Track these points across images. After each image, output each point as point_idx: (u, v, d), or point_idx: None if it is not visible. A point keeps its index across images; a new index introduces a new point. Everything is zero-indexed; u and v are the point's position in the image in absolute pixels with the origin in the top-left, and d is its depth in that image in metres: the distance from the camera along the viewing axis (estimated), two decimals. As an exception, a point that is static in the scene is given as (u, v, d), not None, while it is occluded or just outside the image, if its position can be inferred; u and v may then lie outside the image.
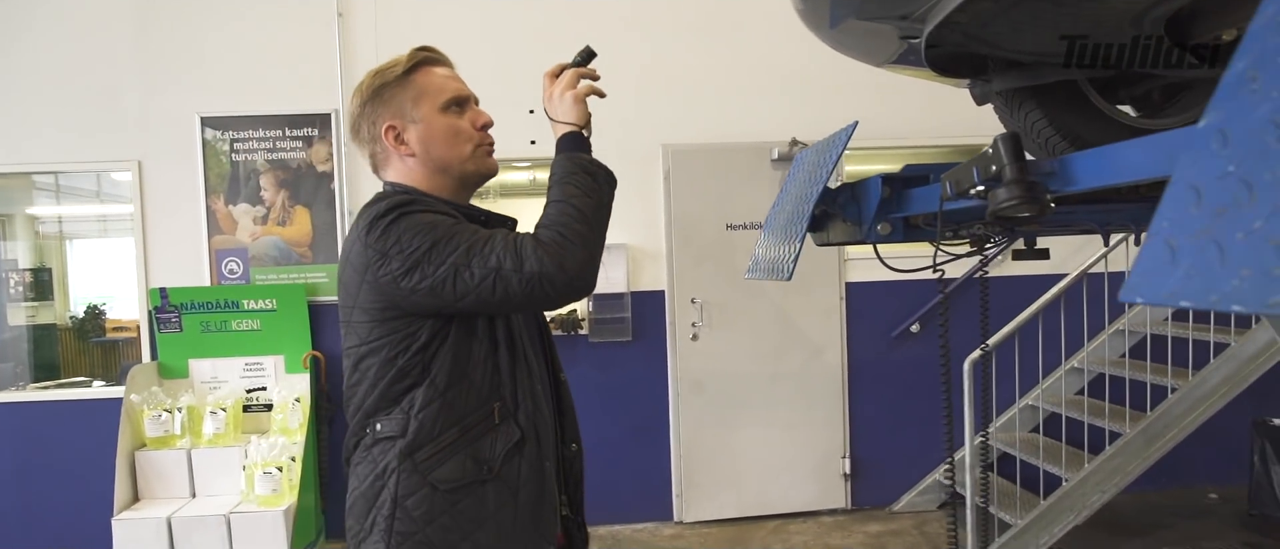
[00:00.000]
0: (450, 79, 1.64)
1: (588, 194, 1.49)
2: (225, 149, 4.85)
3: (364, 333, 1.51)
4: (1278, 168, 0.58)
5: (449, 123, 1.60)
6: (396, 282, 1.43)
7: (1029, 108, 1.88)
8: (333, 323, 4.84)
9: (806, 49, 5.30)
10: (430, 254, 1.41)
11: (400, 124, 1.58)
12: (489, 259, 1.40)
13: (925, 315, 5.06)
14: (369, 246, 1.45)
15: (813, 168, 2.01)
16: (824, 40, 1.86)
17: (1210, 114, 0.66)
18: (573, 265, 1.41)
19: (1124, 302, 0.67)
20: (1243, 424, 4.83)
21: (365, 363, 1.52)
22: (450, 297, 1.42)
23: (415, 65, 1.60)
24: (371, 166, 1.67)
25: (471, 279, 1.40)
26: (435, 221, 1.45)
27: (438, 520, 1.49)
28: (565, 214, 1.45)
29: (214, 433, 4.32)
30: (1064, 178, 1.18)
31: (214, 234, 4.84)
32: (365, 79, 1.62)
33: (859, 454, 5.10)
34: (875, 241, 1.82)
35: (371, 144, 1.62)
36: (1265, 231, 0.56)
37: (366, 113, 1.60)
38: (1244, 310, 0.56)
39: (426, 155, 1.59)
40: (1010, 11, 1.37)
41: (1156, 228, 0.67)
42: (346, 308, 1.54)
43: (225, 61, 4.87)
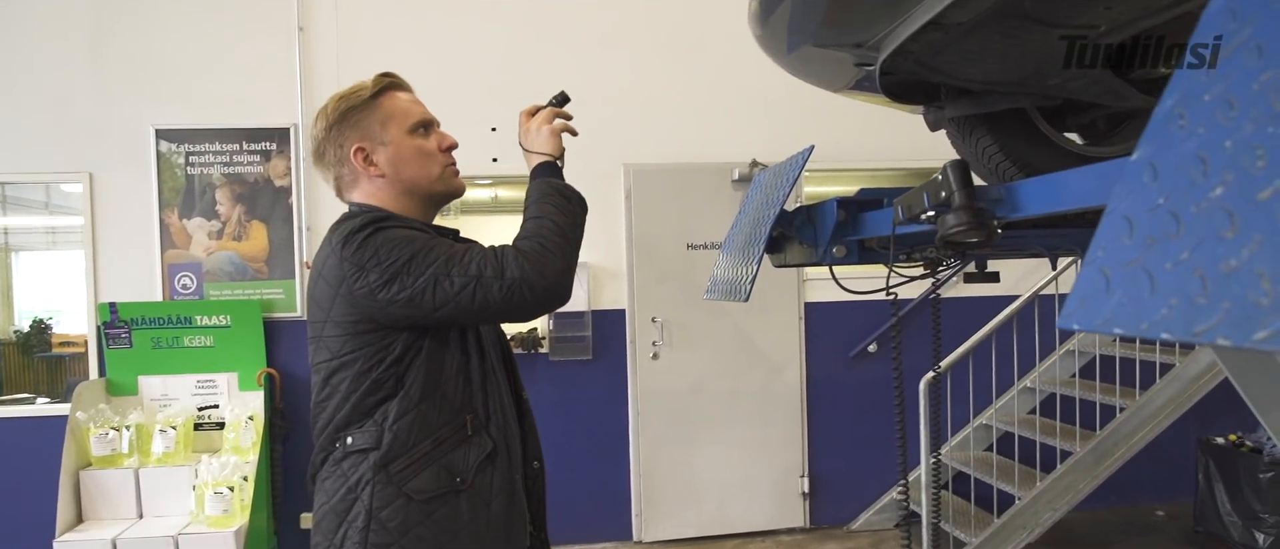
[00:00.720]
0: (415, 103, 1.69)
1: (563, 213, 1.57)
2: (180, 162, 4.78)
3: (336, 347, 1.53)
4: (1202, 201, 0.60)
5: (417, 144, 1.64)
6: (374, 294, 1.46)
7: (980, 134, 1.93)
8: (288, 340, 4.77)
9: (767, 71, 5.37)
10: (409, 265, 1.45)
11: (369, 146, 1.61)
12: (469, 268, 1.45)
13: (882, 335, 5.12)
14: (345, 260, 1.47)
15: (769, 189, 2.04)
16: (782, 66, 1.89)
17: (1142, 148, 0.69)
18: (552, 273, 1.47)
19: (1062, 327, 0.70)
20: (1188, 443, 4.96)
21: (337, 377, 1.54)
22: (429, 306, 1.45)
23: (381, 90, 1.64)
24: (335, 189, 1.70)
25: (451, 287, 1.44)
26: (412, 235, 1.50)
27: (413, 531, 1.50)
28: (543, 227, 1.52)
29: (163, 452, 4.22)
30: (1010, 204, 1.21)
31: (167, 248, 4.75)
32: (329, 104, 1.64)
33: (817, 473, 5.14)
34: (831, 264, 1.85)
35: (338, 167, 1.65)
36: (1191, 262, 0.59)
37: (333, 136, 1.63)
38: (1172, 338, 0.58)
39: (396, 176, 1.63)
40: (961, 41, 1.41)
41: (1092, 257, 0.69)
42: (317, 323, 1.56)
43: (182, 73, 4.80)
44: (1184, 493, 5.16)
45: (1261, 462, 4.46)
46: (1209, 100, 0.64)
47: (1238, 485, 4.56)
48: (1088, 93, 1.64)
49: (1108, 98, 1.65)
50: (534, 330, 4.84)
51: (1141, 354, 4.44)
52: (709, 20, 5.06)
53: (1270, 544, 4.41)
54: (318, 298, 1.56)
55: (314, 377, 1.60)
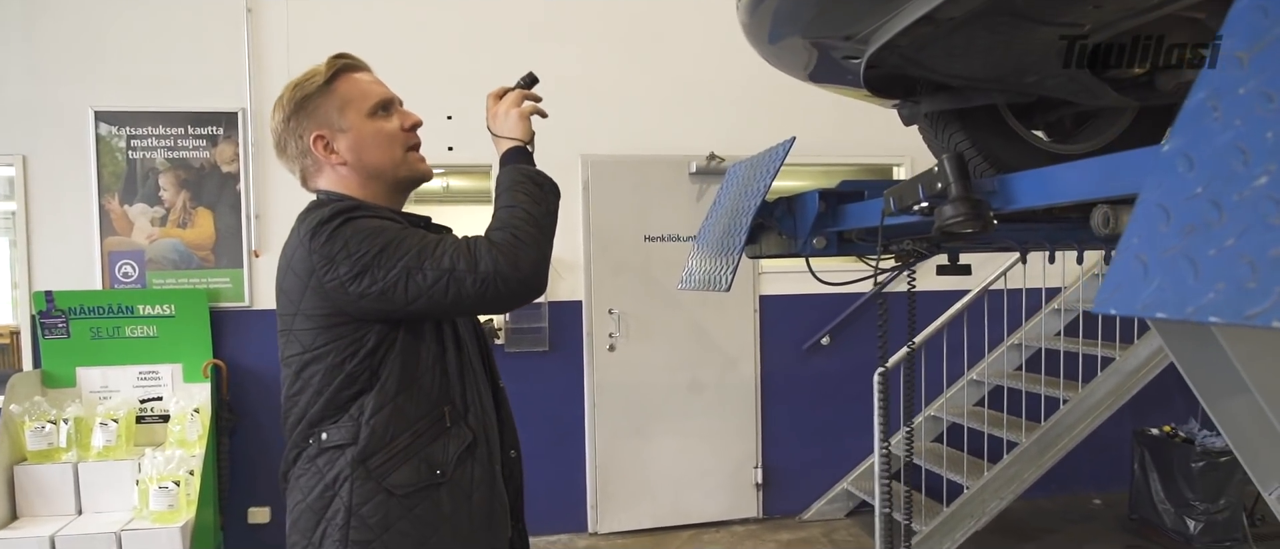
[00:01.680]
0: (373, 84, 1.62)
1: (536, 201, 1.51)
2: (121, 146, 4.60)
3: (308, 340, 1.48)
4: (1245, 190, 0.62)
5: (377, 127, 1.58)
6: (344, 287, 1.41)
7: (953, 130, 1.97)
8: (236, 330, 4.64)
9: (726, 65, 5.43)
10: (380, 258, 1.40)
11: (329, 133, 1.56)
12: (441, 260, 1.40)
13: (835, 328, 5.20)
14: (314, 252, 1.43)
15: (746, 181, 2.05)
16: (762, 54, 1.90)
17: (1175, 139, 0.71)
18: (526, 265, 1.42)
19: (1096, 313, 0.71)
20: (1124, 434, 5.14)
21: (309, 371, 1.49)
22: (401, 300, 1.41)
23: (335, 73, 1.58)
24: (300, 180, 1.64)
25: (424, 281, 1.40)
26: (382, 226, 1.45)
27: (395, 526, 1.48)
28: (515, 217, 1.47)
29: (104, 446, 4.07)
30: (1005, 196, 1.24)
31: (107, 235, 4.57)
32: (284, 93, 1.59)
33: (770, 464, 5.20)
34: (810, 254, 1.87)
35: (301, 158, 1.60)
36: (1237, 249, 0.61)
37: (292, 127, 1.57)
38: (1221, 321, 0.60)
39: (358, 162, 1.57)
40: (949, 37, 1.43)
41: (1127, 244, 0.71)
42: (287, 316, 1.51)
43: (124, 54, 4.62)
44: (1118, 482, 5.35)
45: (1194, 452, 4.65)
46: (1244, 94, 0.66)
47: (1171, 474, 4.75)
48: (1063, 90, 1.69)
49: (1082, 96, 1.69)
50: (490, 321, 4.80)
51: (1084, 348, 4.59)
52: (669, 13, 5.06)
53: (1201, 530, 4.60)
54: (287, 290, 1.51)
55: (284, 370, 1.55)
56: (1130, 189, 1.02)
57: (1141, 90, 1.70)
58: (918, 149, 5.16)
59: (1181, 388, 5.46)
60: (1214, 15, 1.31)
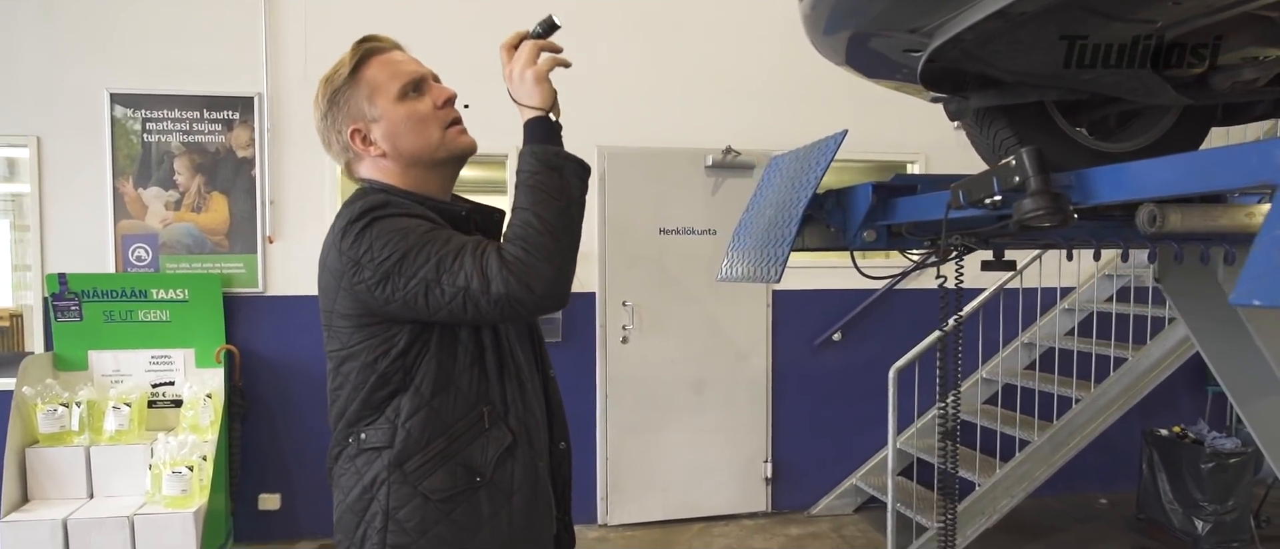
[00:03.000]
0: (402, 63, 1.54)
1: (554, 196, 1.40)
2: (136, 129, 4.58)
3: (344, 338, 1.47)
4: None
5: (409, 110, 1.51)
6: (370, 291, 1.38)
7: (1000, 126, 1.97)
8: (249, 315, 4.63)
9: (743, 58, 5.42)
10: (401, 267, 1.36)
11: (363, 125, 1.51)
12: (457, 278, 1.35)
13: (847, 325, 5.21)
14: (343, 253, 1.40)
15: (794, 173, 2.04)
16: (815, 43, 1.89)
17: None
18: (540, 284, 1.35)
19: (1236, 305, 0.71)
20: (1132, 435, 5.16)
21: (346, 367, 1.48)
22: (424, 311, 1.38)
23: (361, 60, 1.52)
24: (347, 173, 1.61)
25: (442, 296, 1.36)
26: (407, 228, 1.39)
27: (432, 531, 1.45)
28: (529, 226, 1.37)
29: (117, 430, 4.06)
30: (1083, 191, 1.24)
31: (121, 218, 4.55)
32: (318, 90, 1.55)
33: (780, 459, 5.21)
34: (860, 247, 1.86)
35: (344, 153, 1.56)
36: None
37: (330, 123, 1.54)
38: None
39: (396, 151, 1.52)
40: (1015, 31, 1.43)
41: (1269, 236, 0.71)
42: (326, 312, 1.49)
43: (141, 36, 4.59)
44: (1124, 482, 5.38)
45: (1203, 453, 4.67)
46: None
47: (1180, 475, 4.77)
48: (1119, 88, 1.69)
49: (1139, 93, 1.69)
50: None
51: (1098, 348, 4.61)
52: (687, 5, 5.06)
53: (1208, 531, 4.63)
54: (325, 288, 1.48)
55: (328, 364, 1.53)
56: (1226, 185, 1.02)
57: (1195, 89, 1.70)
58: (932, 146, 5.22)
59: (1189, 389, 5.51)
60: (1289, 14, 1.31)
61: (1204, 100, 1.75)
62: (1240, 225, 1.49)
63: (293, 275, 4.67)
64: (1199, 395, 5.51)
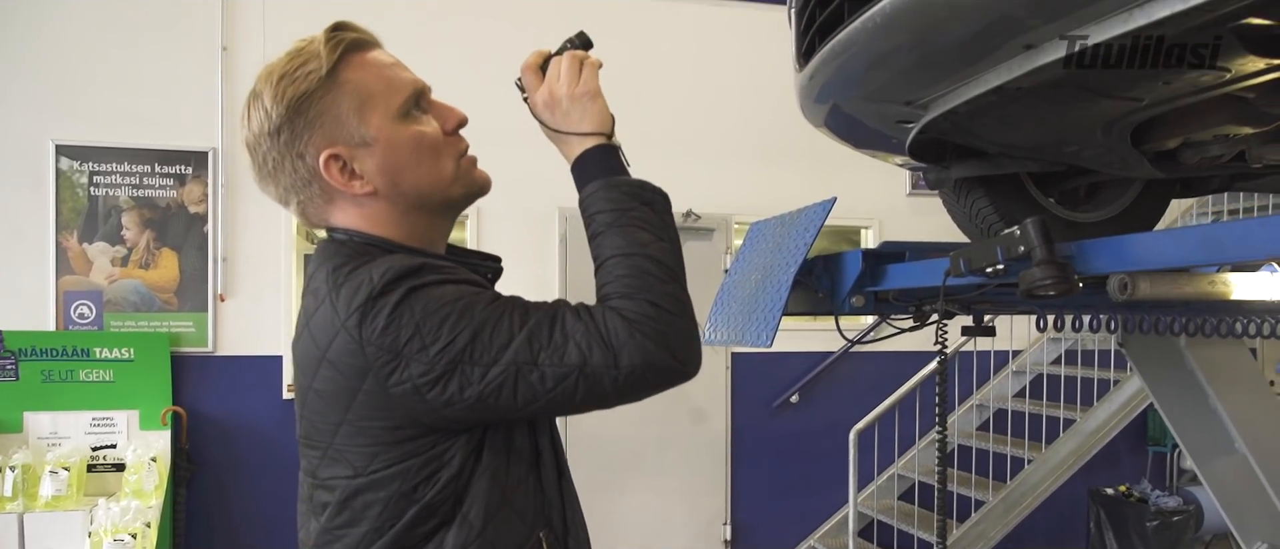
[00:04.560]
0: (395, 67, 1.14)
1: (659, 236, 1.11)
2: (83, 182, 4.45)
3: (362, 461, 1.05)
4: None
5: (417, 134, 1.11)
6: (421, 393, 0.99)
7: (977, 195, 2.05)
8: (198, 376, 4.48)
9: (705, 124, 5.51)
10: (473, 351, 0.99)
11: (345, 150, 1.08)
12: (566, 353, 1.00)
13: (804, 387, 5.26)
14: (368, 344, 0.99)
15: (779, 240, 2.08)
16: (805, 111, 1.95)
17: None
18: (682, 347, 1.06)
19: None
20: (1078, 494, 5.27)
21: (362, 499, 1.06)
22: (509, 406, 1.01)
23: (342, 54, 1.08)
24: (302, 217, 1.15)
25: (542, 383, 1.00)
26: (466, 300, 1.01)
27: None
28: (646, 274, 1.06)
29: (53, 495, 3.85)
30: (1082, 261, 1.29)
31: (63, 274, 4.39)
32: (263, 89, 1.07)
33: (739, 519, 5.19)
34: (847, 312, 1.90)
35: (303, 188, 1.10)
36: None
37: (285, 141, 1.07)
38: None
39: (395, 189, 1.11)
40: (1007, 106, 1.50)
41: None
42: (327, 425, 1.06)
43: (90, 87, 4.49)
44: (1074, 540, 5.48)
45: (1148, 511, 4.79)
46: None
47: (1126, 533, 4.89)
48: (1098, 161, 1.77)
49: (1116, 165, 1.78)
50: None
51: (1048, 410, 4.73)
52: (649, 72, 5.16)
53: (1156, 589, 4.73)
54: (324, 391, 1.05)
55: (317, 491, 1.11)
56: (1236, 258, 1.08)
57: (1166, 162, 1.79)
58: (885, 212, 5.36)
59: (1132, 450, 5.67)
60: (1262, 95, 1.40)
61: (1173, 174, 1.85)
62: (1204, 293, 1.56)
63: (244, 334, 4.54)
64: (1141, 455, 5.68)
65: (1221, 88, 1.35)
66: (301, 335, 1.09)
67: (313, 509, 1.12)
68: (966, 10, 1.18)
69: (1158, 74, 1.33)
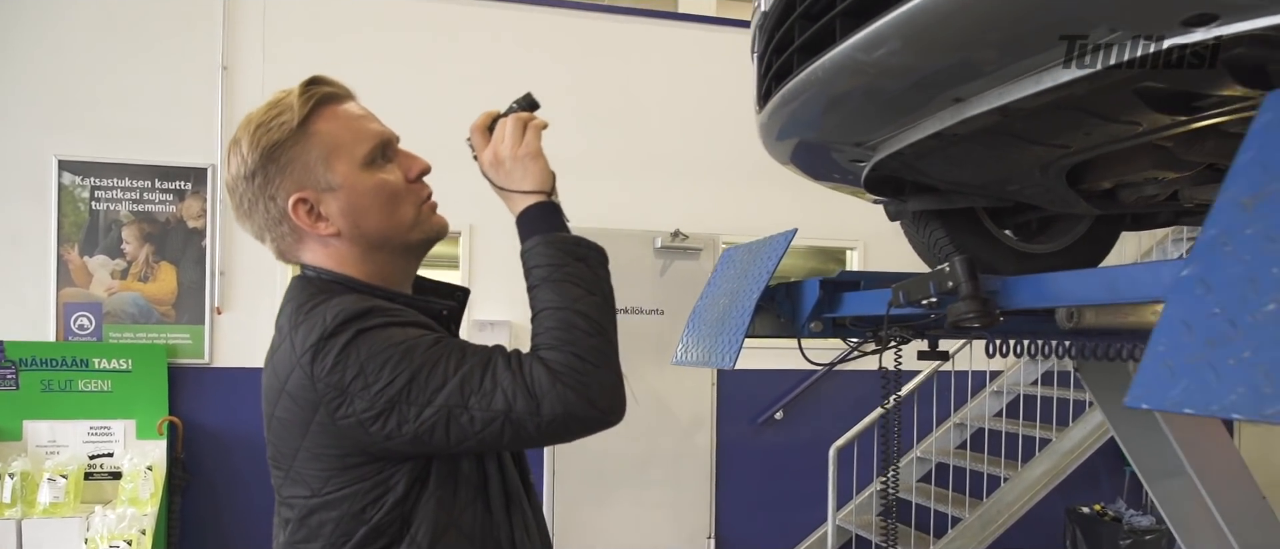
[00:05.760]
0: (363, 120, 1.24)
1: (590, 290, 1.19)
2: (84, 196, 4.57)
3: (316, 483, 1.16)
4: (1258, 313, 0.79)
5: (379, 182, 1.22)
6: (364, 427, 1.09)
7: (934, 227, 2.17)
8: (194, 387, 4.58)
9: (690, 144, 5.63)
10: (409, 393, 1.08)
11: (312, 194, 1.19)
12: (493, 399, 1.08)
13: (788, 404, 5.36)
14: (319, 380, 1.09)
15: (745, 265, 2.20)
16: (768, 147, 2.07)
17: (1191, 266, 0.87)
18: (601, 397, 1.12)
19: (1129, 406, 0.86)
20: (1055, 512, 5.37)
21: (317, 517, 1.17)
22: (442, 444, 1.10)
23: (313, 107, 1.19)
24: (276, 253, 1.27)
25: (471, 425, 1.09)
26: (408, 343, 1.10)
27: None
28: (573, 327, 1.14)
29: (51, 502, 3.95)
30: (1006, 296, 1.41)
31: (64, 286, 4.50)
32: (242, 137, 1.19)
33: (723, 535, 5.28)
34: (807, 336, 2.02)
35: (274, 227, 1.22)
36: (1254, 360, 0.77)
37: (259, 185, 1.19)
38: (1242, 417, 0.76)
39: (356, 232, 1.21)
40: (949, 148, 1.62)
41: (1154, 351, 0.87)
42: (288, 449, 1.17)
43: (92, 103, 4.61)
44: (1052, 558, 5.58)
45: (1122, 529, 4.90)
46: (1251, 234, 0.83)
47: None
48: (1039, 198, 1.89)
49: (1055, 203, 1.90)
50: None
51: (1024, 429, 4.84)
52: (636, 93, 5.29)
53: (1130, 607, 4.83)
54: (283, 420, 1.16)
55: (282, 508, 1.22)
56: (1127, 299, 1.19)
57: (1104, 201, 1.91)
58: (871, 234, 5.48)
59: (1109, 469, 5.77)
60: (1180, 145, 1.52)
61: (1113, 211, 1.97)
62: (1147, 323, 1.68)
63: (240, 347, 4.64)
64: (1118, 475, 5.78)
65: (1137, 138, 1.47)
66: (267, 368, 1.20)
67: (278, 525, 1.24)
68: (894, 70, 1.30)
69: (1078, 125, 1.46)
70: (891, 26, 1.21)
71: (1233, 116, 1.36)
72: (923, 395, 5.05)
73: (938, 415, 5.18)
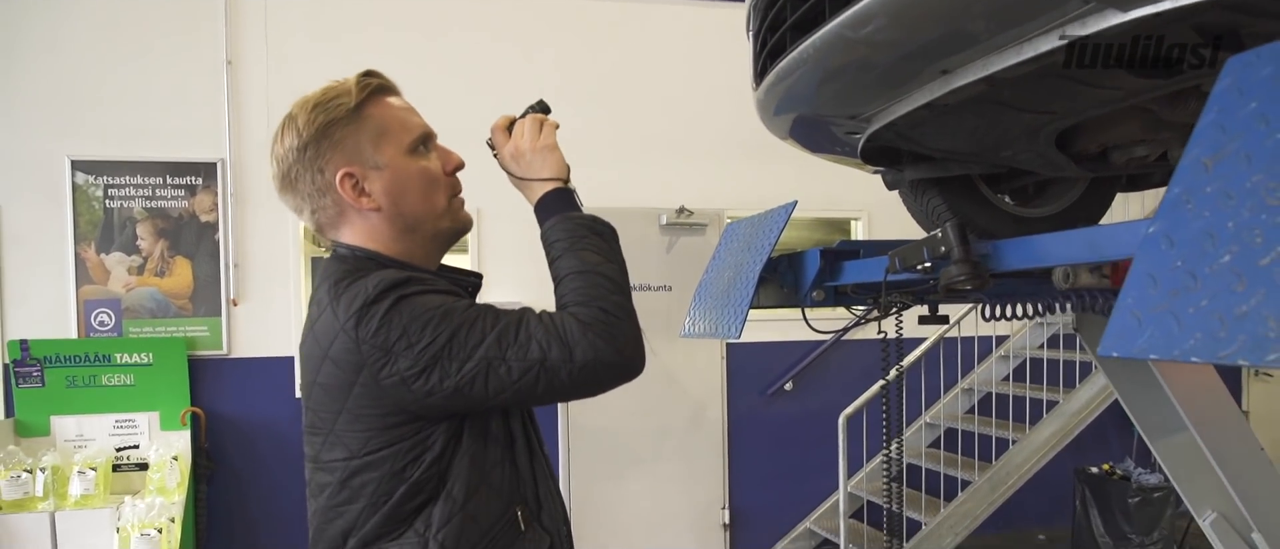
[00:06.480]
0: (412, 112, 1.38)
1: (608, 258, 1.32)
2: (98, 195, 4.65)
3: (357, 444, 1.24)
4: (1214, 264, 0.85)
5: (420, 168, 1.34)
6: (407, 384, 1.18)
7: (931, 195, 2.22)
8: (213, 378, 4.68)
9: (695, 120, 5.67)
10: (451, 348, 1.17)
11: (359, 170, 1.29)
12: (529, 349, 1.18)
13: (797, 375, 5.43)
14: (363, 342, 1.18)
15: (748, 239, 2.26)
16: (766, 122, 2.12)
17: (1157, 223, 0.93)
18: (628, 346, 1.23)
19: (1102, 355, 0.93)
20: (1064, 473, 5.44)
21: (359, 479, 1.25)
22: (480, 396, 1.19)
23: (367, 95, 1.32)
24: (315, 226, 1.37)
25: (508, 375, 1.18)
26: (446, 306, 1.21)
27: None
28: (597, 286, 1.26)
29: (82, 494, 4.05)
30: (997, 259, 1.47)
31: (83, 284, 4.59)
32: (299, 114, 1.30)
33: (737, 505, 5.37)
34: (810, 305, 2.08)
35: (318, 198, 1.31)
36: (1210, 308, 0.83)
37: (310, 158, 1.29)
38: (1200, 361, 0.82)
39: (395, 210, 1.31)
40: (941, 118, 1.67)
41: (1123, 303, 0.93)
42: (327, 414, 1.26)
43: (102, 104, 4.68)
44: (1060, 518, 5.65)
45: (1130, 488, 4.96)
46: (1210, 192, 0.89)
47: (1110, 510, 5.06)
48: (1031, 163, 1.95)
49: (1047, 168, 1.95)
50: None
51: (1031, 392, 4.90)
52: (639, 69, 5.32)
53: (1138, 562, 4.91)
54: (326, 385, 1.24)
55: (320, 474, 1.30)
56: (1108, 257, 1.25)
57: (1096, 164, 1.96)
58: (874, 205, 5.53)
59: (1118, 429, 5.83)
60: (1164, 106, 1.58)
61: (1105, 173, 2.02)
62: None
63: (257, 337, 4.74)
64: (1126, 434, 5.84)
65: (1120, 102, 1.52)
66: (306, 339, 1.30)
67: (313, 491, 1.33)
68: (882, 46, 1.36)
69: (1062, 91, 1.51)
70: (878, 4, 1.27)
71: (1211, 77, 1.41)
72: (930, 362, 5.11)
73: (945, 382, 5.24)
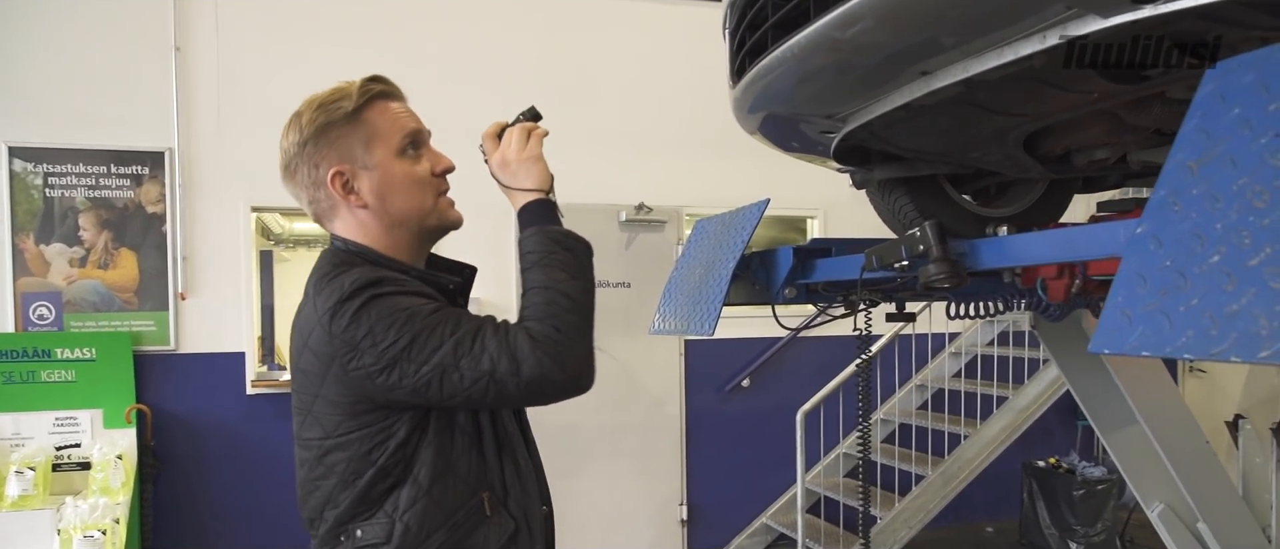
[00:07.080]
0: (404, 116, 1.45)
1: (573, 275, 1.37)
2: (38, 184, 4.48)
3: (330, 425, 1.35)
4: (1204, 264, 0.87)
5: (407, 170, 1.42)
6: (371, 378, 1.28)
7: (898, 194, 2.26)
8: (161, 374, 4.54)
9: (656, 117, 5.67)
10: (410, 352, 1.26)
11: (349, 170, 1.39)
12: (480, 361, 1.26)
13: (754, 372, 5.48)
14: (335, 336, 1.28)
15: (719, 236, 2.27)
16: (740, 121, 2.13)
17: (1145, 224, 0.96)
18: (573, 364, 1.30)
19: (1093, 352, 0.95)
20: (1012, 467, 5.58)
21: (332, 457, 1.36)
22: (436, 398, 1.29)
23: (367, 100, 1.41)
24: (313, 215, 1.48)
25: (460, 382, 1.26)
26: (412, 309, 1.29)
27: None
28: (555, 304, 1.32)
29: (20, 495, 3.91)
30: (973, 258, 1.50)
31: (20, 276, 4.42)
32: (304, 111, 1.40)
33: (695, 501, 5.40)
34: (783, 302, 2.10)
35: (312, 190, 1.42)
36: (1201, 307, 0.86)
37: (307, 153, 1.39)
38: (1192, 358, 0.84)
39: (381, 208, 1.41)
40: (915, 119, 1.70)
41: (1113, 301, 0.95)
42: (308, 395, 1.37)
43: (43, 88, 4.50)
44: (1008, 511, 5.80)
45: (1075, 481, 5.11)
46: (1197, 194, 0.92)
47: (1055, 502, 5.21)
48: (998, 164, 1.99)
49: (1013, 169, 2.00)
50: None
51: (982, 389, 5.01)
52: (599, 66, 5.31)
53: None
54: (306, 370, 1.35)
55: (301, 451, 1.42)
56: (1085, 257, 1.29)
57: (1060, 165, 2.01)
58: (830, 203, 5.59)
59: (1062, 424, 6.00)
60: (1129, 110, 1.62)
61: (1066, 175, 2.07)
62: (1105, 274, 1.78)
63: (206, 332, 4.62)
64: (1070, 429, 6.01)
65: (1088, 107, 1.56)
66: (295, 325, 1.40)
67: (298, 463, 1.43)
68: (866, 47, 1.37)
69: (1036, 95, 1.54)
70: (865, 5, 1.28)
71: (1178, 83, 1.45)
72: (885, 359, 5.20)
73: (900, 377, 5.33)
